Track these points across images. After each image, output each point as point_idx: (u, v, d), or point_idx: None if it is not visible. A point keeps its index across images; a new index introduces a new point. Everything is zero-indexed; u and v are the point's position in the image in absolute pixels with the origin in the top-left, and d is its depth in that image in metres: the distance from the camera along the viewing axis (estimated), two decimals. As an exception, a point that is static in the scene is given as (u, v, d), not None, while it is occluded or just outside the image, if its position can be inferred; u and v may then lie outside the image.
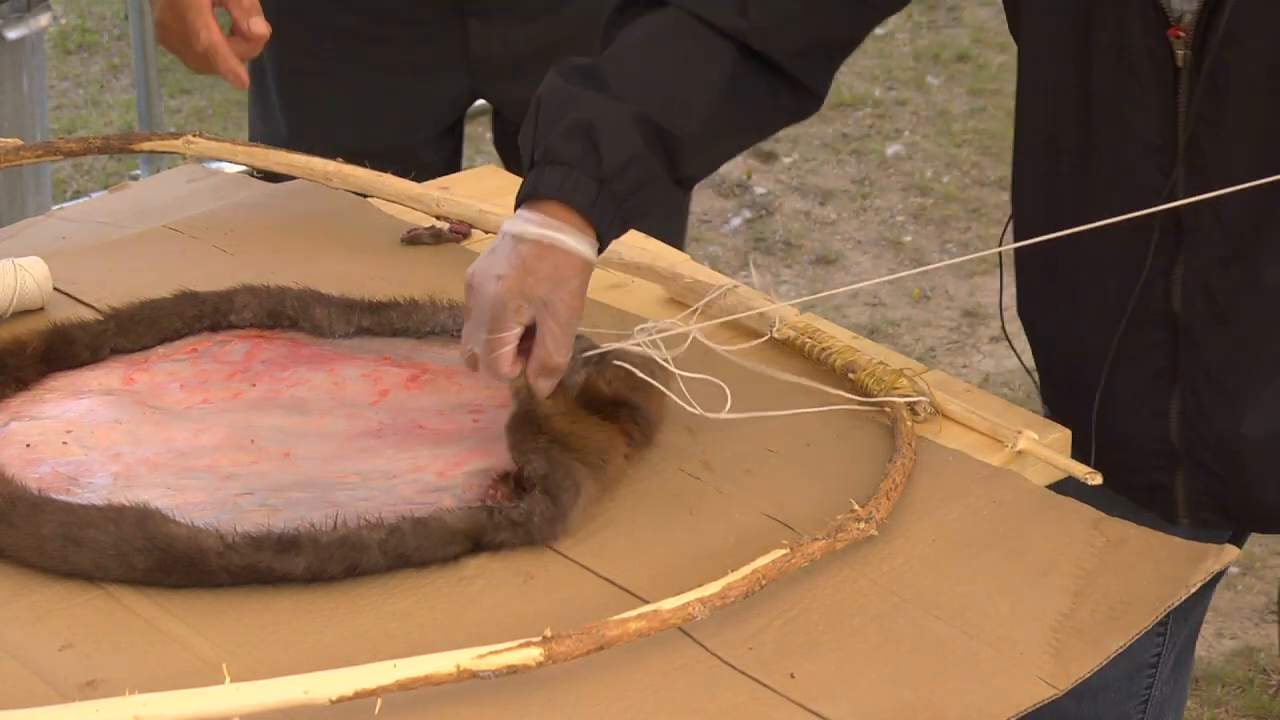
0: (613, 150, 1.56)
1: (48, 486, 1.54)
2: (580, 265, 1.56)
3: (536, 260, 1.55)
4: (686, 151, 1.61)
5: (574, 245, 1.56)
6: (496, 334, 1.56)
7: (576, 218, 1.56)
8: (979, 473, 1.61)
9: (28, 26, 3.16)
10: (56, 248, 1.98)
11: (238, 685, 1.28)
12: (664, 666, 1.38)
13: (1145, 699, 1.93)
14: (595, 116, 1.57)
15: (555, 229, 1.56)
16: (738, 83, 1.64)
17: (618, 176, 1.57)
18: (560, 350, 1.57)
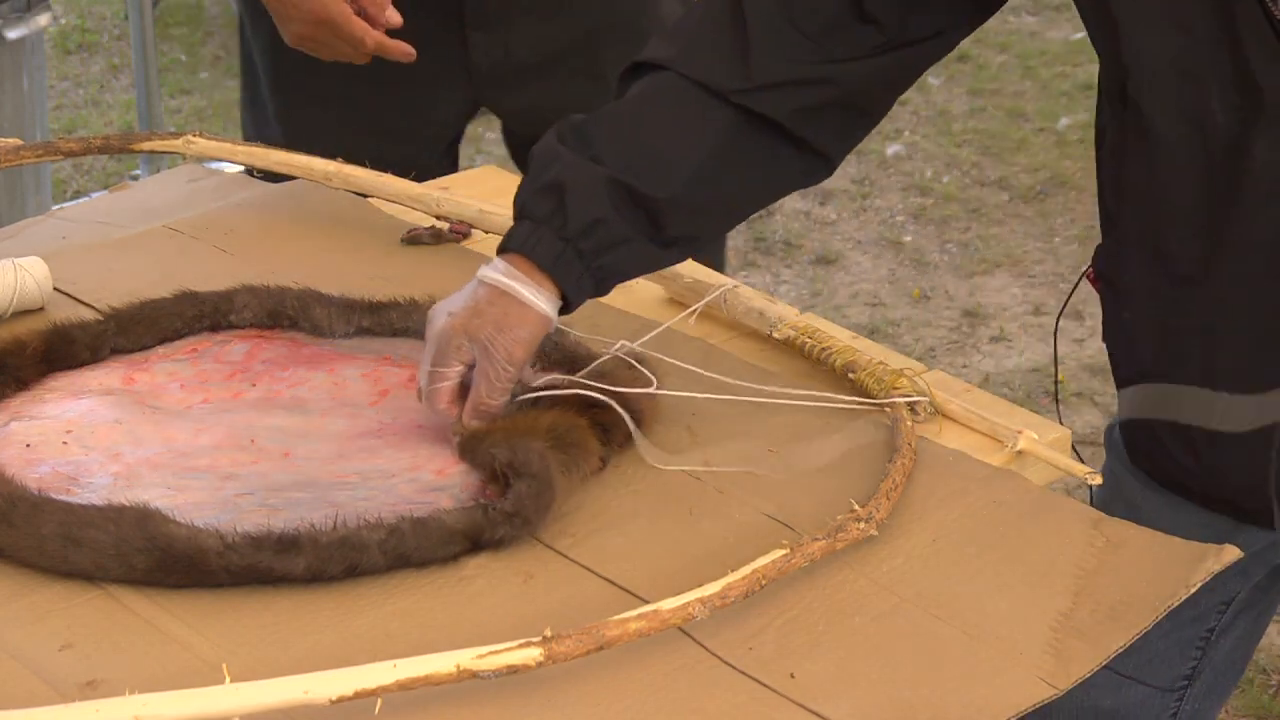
0: (579, 211, 1.60)
1: (48, 486, 1.54)
2: (531, 318, 1.60)
3: (488, 304, 1.60)
4: (668, 215, 1.62)
5: (528, 297, 1.60)
6: (437, 368, 1.61)
7: (539, 273, 1.61)
8: (979, 473, 1.61)
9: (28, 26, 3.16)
10: (56, 248, 1.98)
11: (238, 685, 1.28)
12: (664, 666, 1.38)
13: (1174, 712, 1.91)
14: (568, 178, 1.61)
15: (513, 278, 1.60)
16: (734, 146, 1.64)
17: (582, 236, 1.60)
18: (493, 394, 1.60)
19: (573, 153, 1.62)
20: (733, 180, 1.66)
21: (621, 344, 1.70)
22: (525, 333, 1.60)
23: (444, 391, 1.61)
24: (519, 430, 1.57)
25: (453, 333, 1.60)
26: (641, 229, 1.62)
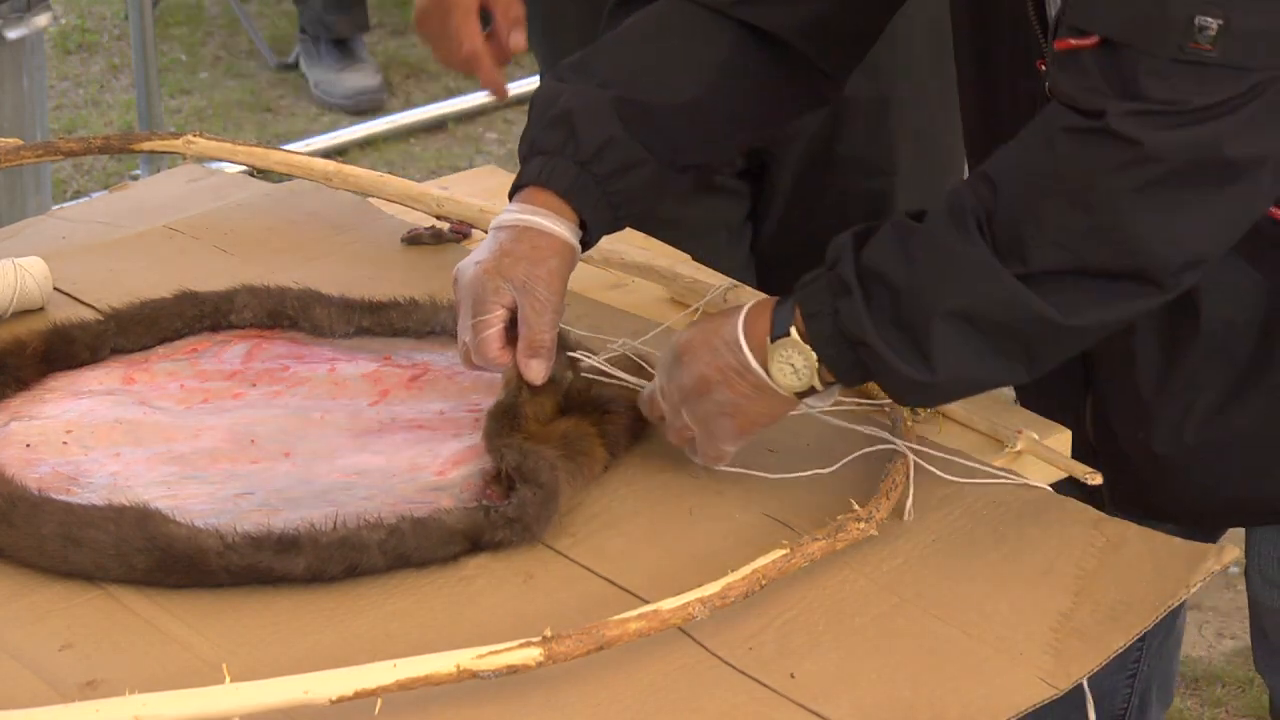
0: (590, 133, 1.58)
1: (48, 486, 1.54)
2: (558, 245, 1.57)
3: (513, 243, 1.57)
4: (677, 129, 1.60)
5: (549, 226, 1.57)
6: (479, 317, 1.57)
7: (556, 201, 1.58)
8: (979, 473, 1.61)
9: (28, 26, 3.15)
10: (56, 248, 1.98)
11: (238, 685, 1.28)
12: (664, 666, 1.38)
13: (1134, 673, 1.93)
14: (574, 104, 1.59)
15: (530, 212, 1.58)
16: (738, 63, 1.63)
17: (596, 159, 1.58)
18: (543, 328, 1.57)
19: (575, 85, 1.60)
20: (740, 97, 1.65)
21: (623, 342, 1.70)
22: (557, 262, 1.57)
23: (493, 338, 1.58)
24: (540, 433, 1.57)
25: (486, 277, 1.57)
26: (655, 148, 1.60)
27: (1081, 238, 1.39)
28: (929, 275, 1.42)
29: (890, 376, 1.46)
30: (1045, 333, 1.43)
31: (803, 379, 1.48)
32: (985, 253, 1.40)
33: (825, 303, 1.46)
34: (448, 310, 1.80)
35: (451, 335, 1.80)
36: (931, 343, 1.42)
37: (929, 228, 1.43)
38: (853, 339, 1.45)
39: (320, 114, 4.79)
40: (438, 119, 4.76)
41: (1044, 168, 1.40)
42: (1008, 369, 1.46)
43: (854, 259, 1.45)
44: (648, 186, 1.63)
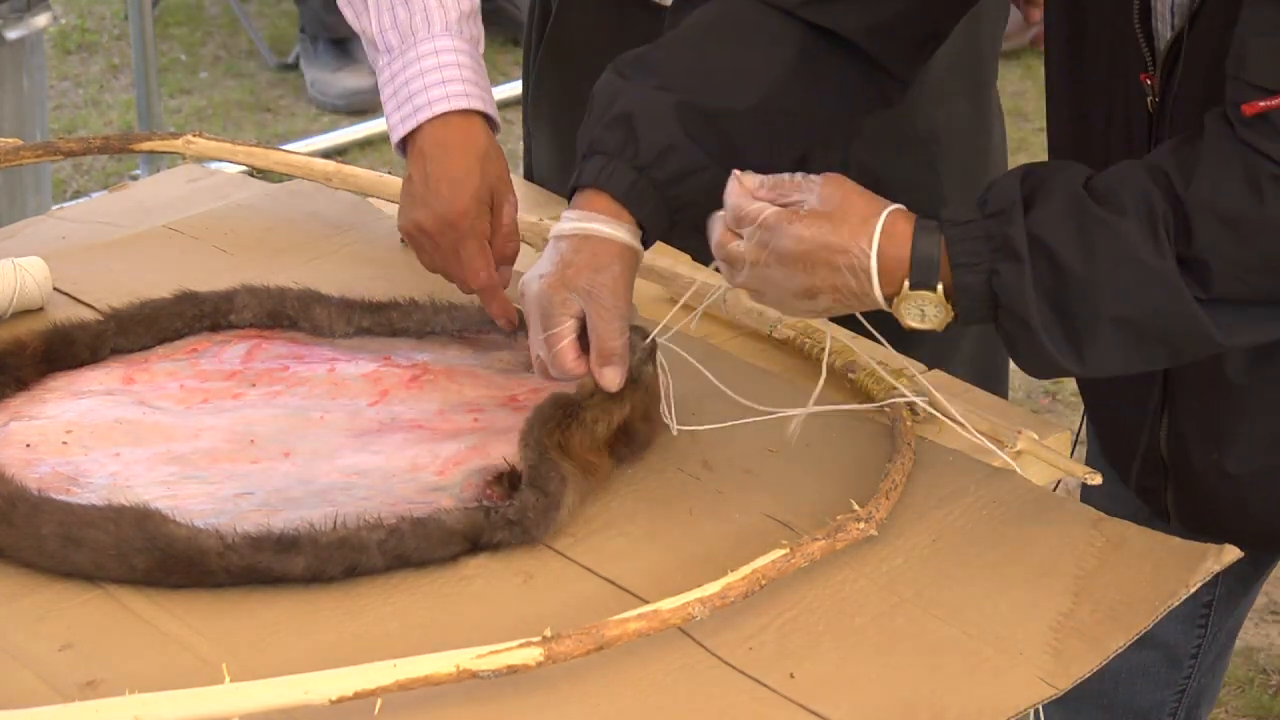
0: (650, 138, 1.56)
1: (48, 486, 1.54)
2: (618, 250, 1.57)
3: (574, 253, 1.57)
4: (741, 136, 1.59)
5: (609, 232, 1.56)
6: (550, 331, 1.57)
7: (614, 205, 1.57)
8: (979, 473, 1.61)
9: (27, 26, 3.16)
10: (56, 248, 1.98)
11: (238, 685, 1.28)
12: (664, 666, 1.38)
13: (1182, 689, 1.92)
14: (635, 106, 1.57)
15: (589, 219, 1.57)
16: (804, 64, 1.61)
17: (655, 164, 1.57)
18: (613, 334, 1.56)
19: (637, 84, 1.59)
20: (805, 99, 1.63)
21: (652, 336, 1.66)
22: (619, 267, 1.57)
23: (567, 350, 1.57)
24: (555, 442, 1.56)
25: (552, 290, 1.56)
26: (714, 154, 1.59)
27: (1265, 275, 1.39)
28: (1110, 274, 1.39)
29: (1032, 352, 1.43)
30: (1202, 348, 1.43)
31: (927, 323, 1.45)
32: (1174, 271, 1.38)
33: (983, 258, 1.41)
34: (448, 310, 1.80)
35: (451, 335, 1.80)
36: (1094, 340, 1.40)
37: (1118, 225, 1.39)
38: (1006, 307, 1.41)
39: (320, 114, 4.79)
40: (437, 119, 4.75)
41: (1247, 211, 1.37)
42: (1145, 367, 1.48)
43: (1023, 221, 1.40)
44: (706, 191, 1.61)
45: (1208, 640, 1.90)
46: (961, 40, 2.00)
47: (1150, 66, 1.51)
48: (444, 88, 1.75)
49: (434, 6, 1.78)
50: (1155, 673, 1.92)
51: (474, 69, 1.78)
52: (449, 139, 1.75)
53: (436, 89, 1.75)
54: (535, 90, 2.17)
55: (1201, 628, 1.89)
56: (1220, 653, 1.94)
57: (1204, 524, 1.70)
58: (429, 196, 1.74)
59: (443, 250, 1.76)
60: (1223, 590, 1.87)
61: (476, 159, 1.75)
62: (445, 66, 1.75)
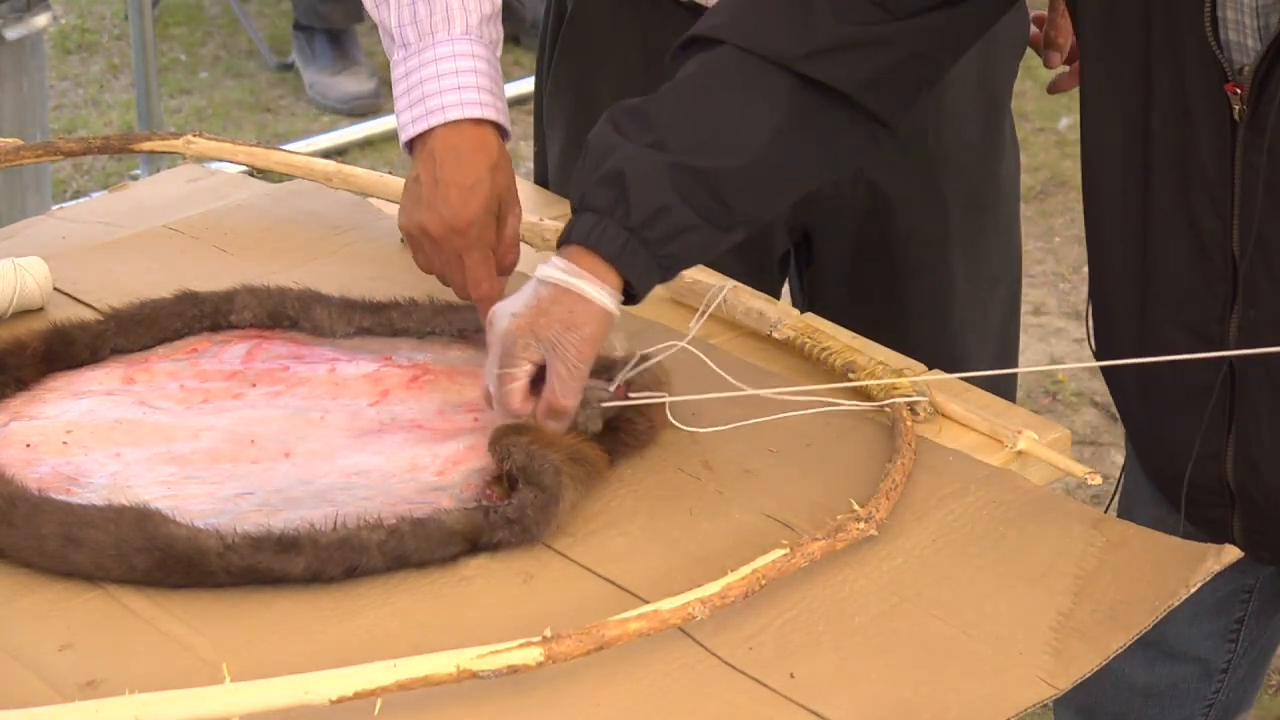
0: (642, 200, 1.57)
1: (48, 486, 1.54)
2: (595, 313, 1.57)
3: (551, 303, 1.57)
4: (733, 194, 1.60)
5: (592, 293, 1.57)
6: (506, 369, 1.58)
7: (602, 265, 1.58)
8: (979, 473, 1.61)
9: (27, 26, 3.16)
10: (56, 248, 1.98)
11: (238, 685, 1.28)
12: (664, 666, 1.38)
13: (1211, 703, 1.92)
14: (628, 165, 1.58)
15: (576, 275, 1.57)
16: (798, 118, 1.62)
17: (647, 225, 1.57)
18: (566, 393, 1.57)
19: (631, 140, 1.59)
20: (797, 153, 1.64)
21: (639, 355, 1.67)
22: (591, 329, 1.57)
23: (516, 392, 1.58)
24: (550, 440, 1.56)
25: (519, 333, 1.57)
26: (705, 214, 1.59)
27: None
28: None
29: None
30: None
31: None
32: None
33: None
34: (448, 311, 1.81)
35: (452, 336, 1.80)
36: None
37: None
38: None
39: (320, 114, 4.79)
40: (437, 119, 4.75)
41: None
42: None
43: None
44: (699, 248, 1.63)
45: (1238, 655, 1.89)
46: (976, 63, 2.00)
47: (1232, 77, 1.51)
48: (459, 94, 1.73)
49: (456, 7, 1.76)
50: (1186, 688, 1.91)
51: (490, 75, 1.76)
52: (461, 145, 1.74)
53: (452, 94, 1.74)
54: (550, 90, 2.17)
55: (1233, 642, 1.89)
56: (1253, 669, 1.93)
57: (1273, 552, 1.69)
58: (436, 201, 1.73)
59: (444, 255, 1.75)
60: (1255, 606, 1.86)
61: (488, 168, 1.74)
62: (463, 72, 1.74)
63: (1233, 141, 1.54)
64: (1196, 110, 1.55)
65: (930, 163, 2.09)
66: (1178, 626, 1.85)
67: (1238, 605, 1.86)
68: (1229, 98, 1.52)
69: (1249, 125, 1.52)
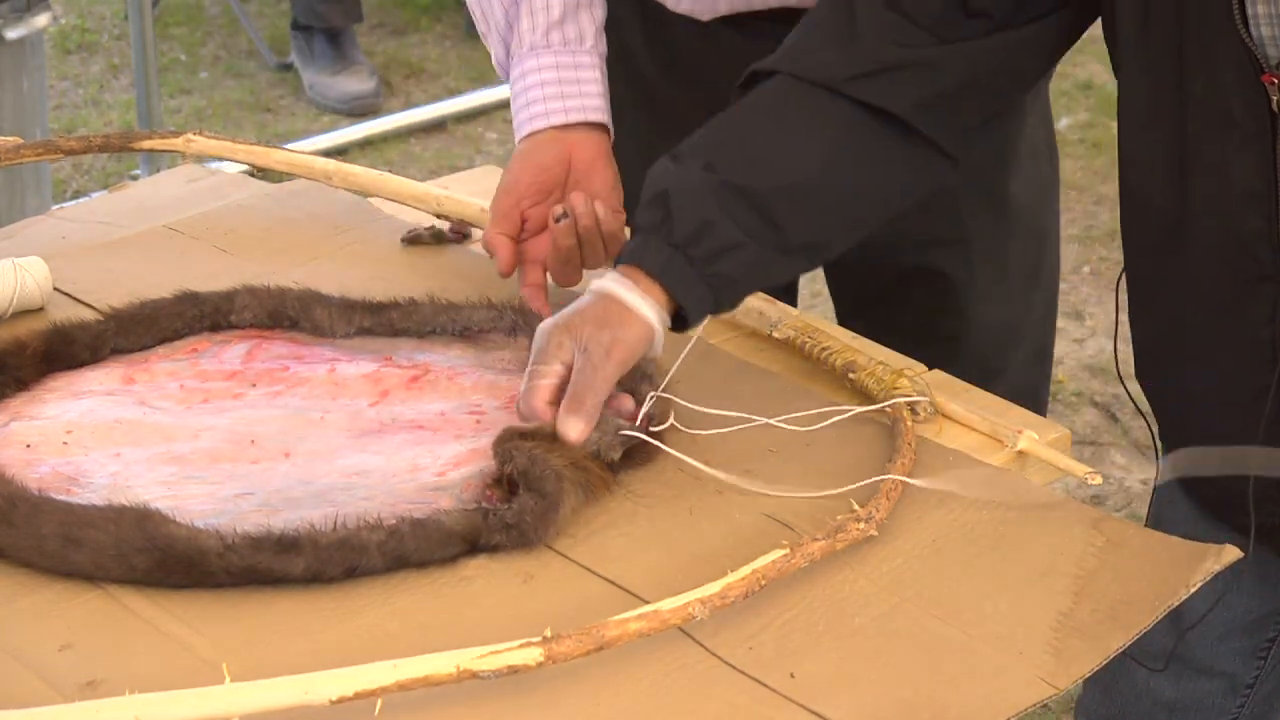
0: (685, 215, 1.58)
1: (48, 486, 1.54)
2: (633, 320, 1.58)
3: (592, 307, 1.59)
4: (784, 214, 1.60)
5: (633, 302, 1.58)
6: (537, 366, 1.59)
7: (647, 280, 1.59)
8: (979, 473, 1.61)
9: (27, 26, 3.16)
10: (56, 248, 1.98)
11: (238, 685, 1.28)
12: (664, 666, 1.38)
13: (1234, 717, 1.92)
14: (673, 185, 1.59)
15: (620, 284, 1.59)
16: (851, 142, 1.62)
17: (691, 242, 1.58)
18: (590, 392, 1.57)
19: (684, 165, 1.61)
20: (852, 179, 1.64)
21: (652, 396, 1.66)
22: (624, 333, 1.58)
23: (540, 390, 1.58)
24: (553, 447, 1.56)
25: (553, 332, 1.59)
26: (756, 232, 1.59)
27: None
28: None
29: None
30: None
31: None
32: None
33: None
34: (449, 310, 1.80)
35: (453, 336, 1.80)
36: None
37: None
38: None
39: (319, 114, 4.79)
40: (438, 119, 4.76)
41: None
42: None
43: None
44: (750, 269, 1.62)
45: (1266, 671, 1.89)
46: None
47: (1268, 68, 1.51)
48: (528, 109, 1.86)
49: (525, 29, 1.87)
50: (1211, 703, 1.91)
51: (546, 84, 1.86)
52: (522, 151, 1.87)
53: (522, 112, 1.87)
54: None
55: (1262, 659, 1.88)
56: (1278, 684, 1.92)
57: None
58: None
59: None
60: None
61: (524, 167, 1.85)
62: (530, 89, 1.87)
63: (1274, 133, 1.53)
64: (1234, 108, 1.54)
65: None
66: (1207, 643, 1.85)
67: (1271, 626, 1.85)
68: (1267, 89, 1.52)
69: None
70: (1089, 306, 3.99)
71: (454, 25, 5.25)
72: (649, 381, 1.66)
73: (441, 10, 5.32)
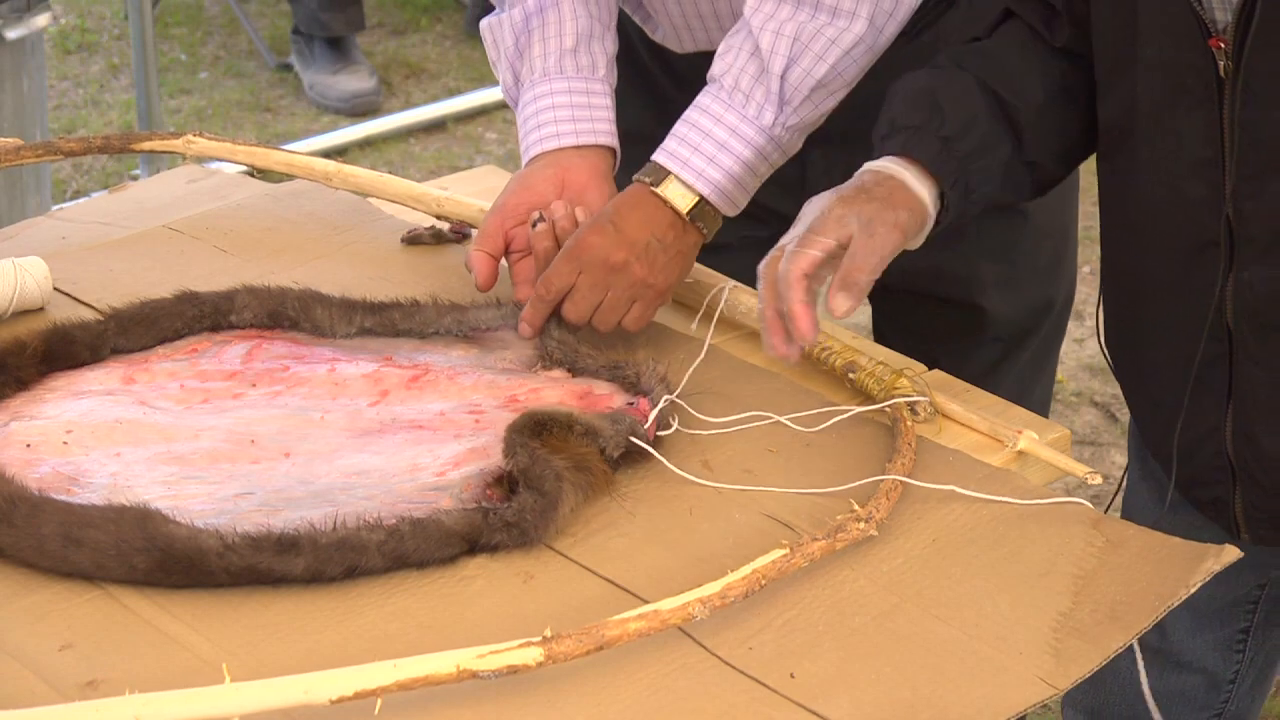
0: (955, 112, 1.63)
1: (48, 486, 1.54)
2: (912, 201, 1.61)
3: (874, 184, 1.61)
4: (1028, 127, 1.66)
5: (912, 182, 1.61)
6: (813, 234, 1.59)
7: (920, 169, 1.63)
8: (979, 473, 1.61)
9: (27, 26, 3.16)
10: (56, 248, 1.98)
11: (238, 685, 1.28)
12: (664, 666, 1.38)
13: (1219, 713, 1.92)
14: (938, 83, 1.65)
15: (900, 165, 1.62)
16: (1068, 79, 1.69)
17: (960, 136, 1.63)
18: (865, 267, 1.57)
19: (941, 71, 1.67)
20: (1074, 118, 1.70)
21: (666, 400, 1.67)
22: (906, 215, 1.60)
23: (804, 259, 1.58)
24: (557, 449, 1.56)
25: (836, 206, 1.60)
26: (1007, 138, 1.65)
27: None
28: None
29: None
30: None
31: None
32: None
33: None
34: (454, 311, 1.80)
35: (454, 336, 1.80)
36: None
37: None
38: None
39: (319, 114, 4.79)
40: (438, 119, 4.76)
41: None
42: None
43: None
44: (1000, 171, 1.67)
45: (1245, 664, 1.89)
46: None
47: (1214, 32, 1.52)
48: (538, 131, 1.89)
49: (538, 55, 1.91)
50: (1194, 696, 1.91)
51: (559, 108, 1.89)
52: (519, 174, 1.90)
53: (531, 135, 1.90)
54: None
55: (1240, 653, 1.89)
56: (1260, 676, 1.93)
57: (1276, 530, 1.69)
58: None
59: None
60: (1260, 616, 1.86)
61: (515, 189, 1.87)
62: (541, 111, 1.89)
63: (1220, 99, 1.55)
64: (1184, 75, 1.57)
65: None
66: (1181, 638, 1.86)
67: (1241, 616, 1.86)
68: (1214, 54, 1.53)
69: (1234, 79, 1.53)
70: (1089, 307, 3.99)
71: (454, 25, 5.25)
72: (664, 385, 1.66)
73: (441, 10, 5.32)
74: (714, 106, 1.81)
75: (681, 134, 1.81)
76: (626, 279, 1.75)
